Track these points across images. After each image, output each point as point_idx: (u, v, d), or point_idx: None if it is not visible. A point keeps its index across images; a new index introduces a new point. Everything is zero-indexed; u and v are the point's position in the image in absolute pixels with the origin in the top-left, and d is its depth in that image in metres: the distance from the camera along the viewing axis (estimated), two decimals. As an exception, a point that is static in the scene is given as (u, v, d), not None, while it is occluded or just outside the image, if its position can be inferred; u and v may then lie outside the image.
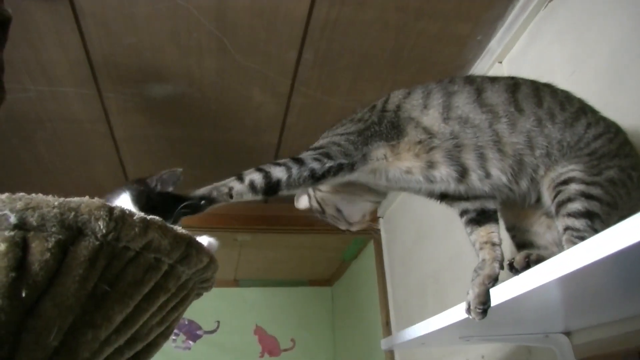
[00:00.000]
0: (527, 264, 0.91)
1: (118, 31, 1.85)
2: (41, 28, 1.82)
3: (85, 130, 2.39)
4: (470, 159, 1.15)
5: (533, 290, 0.85)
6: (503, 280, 0.99)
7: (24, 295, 0.69)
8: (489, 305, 1.00)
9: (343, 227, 1.41)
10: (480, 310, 1.00)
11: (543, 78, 1.32)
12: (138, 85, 2.14)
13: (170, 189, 1.44)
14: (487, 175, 1.15)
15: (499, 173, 1.14)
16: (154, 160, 2.69)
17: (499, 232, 1.22)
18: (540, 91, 1.23)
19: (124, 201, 1.31)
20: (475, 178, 1.16)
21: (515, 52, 1.91)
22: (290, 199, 3.14)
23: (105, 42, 1.90)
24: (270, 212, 3.23)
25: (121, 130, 2.42)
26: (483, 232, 1.21)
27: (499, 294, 0.98)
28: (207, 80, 2.12)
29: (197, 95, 2.21)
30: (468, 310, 1.03)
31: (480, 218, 1.24)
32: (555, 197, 1.09)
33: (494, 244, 1.17)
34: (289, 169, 1.17)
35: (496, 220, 1.24)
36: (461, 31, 1.95)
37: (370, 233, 3.35)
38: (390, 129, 1.22)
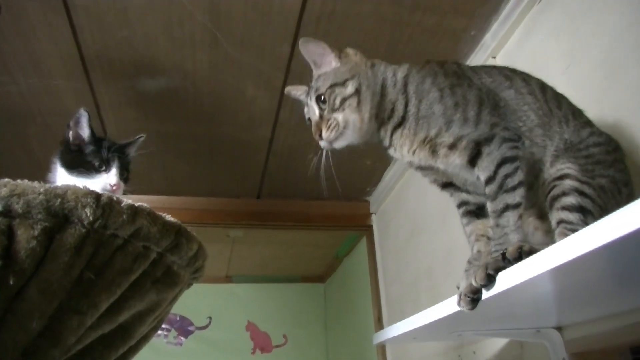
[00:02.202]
0: (520, 256, 0.90)
1: (110, 24, 1.84)
2: (32, 20, 1.80)
3: (77, 124, 2.37)
4: None
5: (525, 283, 0.85)
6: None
7: (11, 283, 0.68)
8: (480, 297, 0.99)
9: None
10: (469, 299, 1.00)
11: (537, 73, 1.32)
12: (130, 79, 2.12)
13: (86, 130, 1.50)
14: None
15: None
16: (146, 156, 2.67)
17: None
18: (560, 97, 1.28)
19: (59, 172, 1.33)
20: None
21: (510, 46, 1.90)
22: (283, 195, 3.15)
23: (97, 35, 1.88)
24: (263, 207, 3.22)
25: (113, 124, 2.40)
26: (481, 225, 1.23)
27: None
28: (200, 74, 2.11)
29: (189, 89, 2.20)
30: (459, 302, 1.03)
31: (480, 212, 1.26)
32: (550, 191, 1.10)
33: (489, 238, 1.18)
34: None
35: None
36: (456, 25, 1.94)
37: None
38: None
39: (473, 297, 0.99)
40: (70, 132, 1.45)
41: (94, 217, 0.75)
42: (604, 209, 1.03)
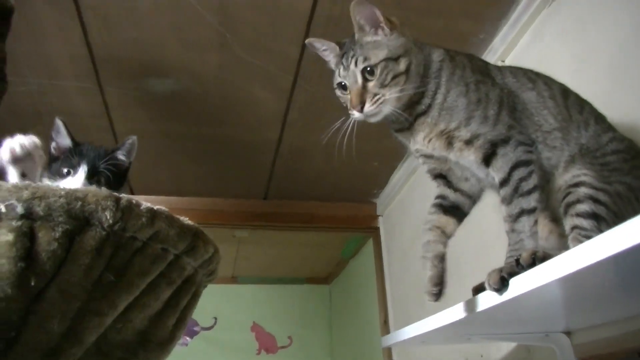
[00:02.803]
0: (533, 262, 0.90)
1: (120, 25, 1.85)
2: (43, 21, 1.81)
3: (86, 125, 2.38)
4: None
5: (536, 289, 0.85)
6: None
7: (32, 284, 0.69)
8: (444, 287, 1.09)
9: None
10: (434, 292, 1.08)
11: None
12: (139, 79, 2.13)
13: (67, 138, 1.51)
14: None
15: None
16: (153, 156, 2.69)
17: (455, 231, 1.26)
18: (584, 102, 1.28)
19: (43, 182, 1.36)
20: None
21: (519, 50, 1.90)
22: (289, 196, 3.16)
23: (107, 36, 1.89)
24: (269, 208, 3.23)
25: (121, 124, 2.41)
26: (443, 220, 1.26)
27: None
28: (209, 75, 2.12)
29: (198, 90, 2.20)
30: (425, 293, 1.10)
31: (451, 210, 1.27)
32: (564, 197, 1.10)
33: (444, 233, 1.23)
34: None
35: (460, 222, 1.28)
36: (464, 29, 1.95)
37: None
38: None
39: (436, 290, 1.09)
40: (53, 143, 1.47)
41: (113, 219, 0.75)
42: (619, 216, 1.03)
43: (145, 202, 0.83)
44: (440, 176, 1.31)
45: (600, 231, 0.99)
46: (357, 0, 1.18)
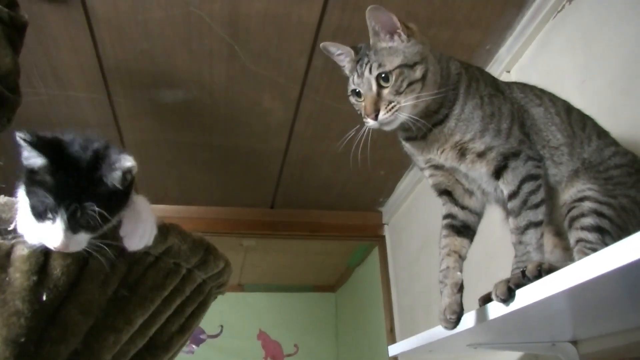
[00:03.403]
0: (539, 273, 0.91)
1: (130, 37, 1.87)
2: (54, 33, 1.84)
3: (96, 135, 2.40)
4: None
5: (542, 300, 0.86)
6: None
7: (44, 299, 0.69)
8: (462, 314, 1.03)
9: None
10: (452, 320, 1.04)
11: (552, 87, 1.33)
12: (148, 90, 2.15)
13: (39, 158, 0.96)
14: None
15: None
16: (162, 165, 2.71)
17: (468, 253, 1.25)
18: (586, 118, 1.28)
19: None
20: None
21: (524, 61, 1.92)
22: (296, 205, 3.17)
23: (118, 47, 1.91)
24: (276, 217, 3.24)
25: (130, 134, 2.43)
26: (458, 243, 1.24)
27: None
28: (217, 85, 2.14)
29: (206, 100, 2.22)
30: (441, 320, 1.05)
31: (463, 230, 1.26)
32: (569, 211, 1.12)
33: (460, 257, 1.21)
34: None
35: (471, 242, 1.27)
36: (470, 40, 1.96)
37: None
38: None
39: (456, 318, 1.03)
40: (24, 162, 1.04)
41: None
42: (624, 229, 1.04)
43: (158, 215, 0.84)
44: (446, 192, 1.31)
45: (605, 244, 1.00)
46: (373, 5, 1.15)
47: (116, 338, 0.76)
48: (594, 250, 0.97)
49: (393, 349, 1.50)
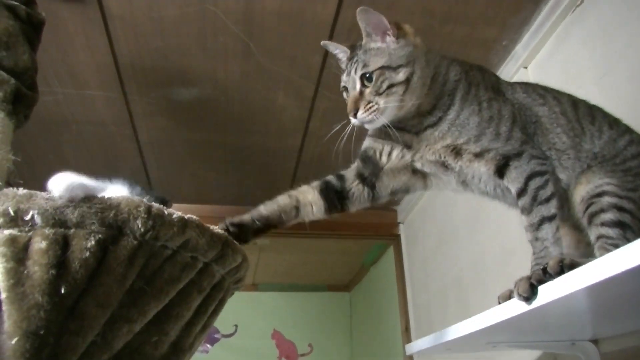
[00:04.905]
0: (561, 269, 0.90)
1: (145, 34, 1.87)
2: (70, 31, 1.84)
3: (110, 133, 2.42)
4: None
5: (563, 297, 0.85)
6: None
7: (62, 291, 0.69)
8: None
9: None
10: None
11: (570, 83, 1.32)
12: (163, 88, 2.15)
13: None
14: None
15: None
16: (176, 163, 2.71)
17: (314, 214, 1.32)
18: (594, 109, 1.26)
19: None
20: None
21: (542, 56, 1.89)
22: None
23: (133, 45, 1.92)
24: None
25: (145, 133, 2.44)
26: (310, 196, 1.35)
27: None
28: (232, 83, 2.13)
29: (221, 98, 2.22)
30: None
31: (329, 192, 1.34)
32: (587, 208, 1.09)
33: (296, 207, 1.34)
34: None
35: (330, 209, 1.34)
36: (487, 35, 1.94)
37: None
38: None
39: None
40: None
41: (145, 228, 0.76)
42: None
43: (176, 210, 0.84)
44: (367, 160, 1.32)
45: (627, 239, 0.99)
46: (362, 7, 1.18)
47: (130, 328, 0.76)
48: (616, 246, 0.95)
49: (410, 348, 1.49)
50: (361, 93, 1.19)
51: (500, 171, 1.15)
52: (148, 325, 0.79)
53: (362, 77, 1.19)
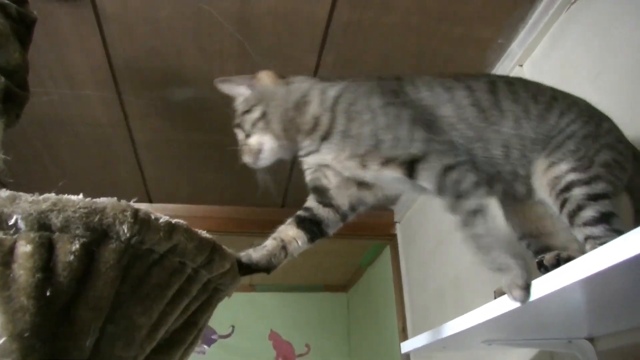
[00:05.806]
0: (558, 262, 0.89)
1: (140, 34, 1.87)
2: (64, 31, 1.84)
3: (106, 134, 2.41)
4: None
5: (559, 291, 0.84)
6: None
7: (48, 294, 0.69)
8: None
9: None
10: None
11: (566, 81, 1.32)
12: (158, 89, 2.15)
13: None
14: None
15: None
16: (172, 165, 2.71)
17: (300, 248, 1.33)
18: (517, 87, 1.24)
19: None
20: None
21: (537, 54, 1.89)
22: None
23: (127, 45, 1.91)
24: (287, 216, 3.22)
25: (141, 134, 2.43)
26: (291, 233, 1.34)
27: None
28: (227, 83, 2.13)
29: (217, 99, 2.20)
30: None
31: (305, 222, 1.35)
32: (562, 206, 1.08)
33: (284, 248, 1.31)
34: None
35: (312, 237, 1.36)
36: (483, 34, 1.94)
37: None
38: None
39: None
40: None
41: (130, 233, 0.76)
42: (620, 188, 1.06)
43: (164, 214, 0.83)
44: (318, 190, 1.34)
45: (614, 230, 0.98)
46: (217, 80, 1.38)
47: (116, 331, 0.76)
48: (605, 243, 0.95)
49: (405, 346, 1.48)
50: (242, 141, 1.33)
51: (411, 175, 1.13)
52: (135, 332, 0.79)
53: (236, 127, 1.36)
